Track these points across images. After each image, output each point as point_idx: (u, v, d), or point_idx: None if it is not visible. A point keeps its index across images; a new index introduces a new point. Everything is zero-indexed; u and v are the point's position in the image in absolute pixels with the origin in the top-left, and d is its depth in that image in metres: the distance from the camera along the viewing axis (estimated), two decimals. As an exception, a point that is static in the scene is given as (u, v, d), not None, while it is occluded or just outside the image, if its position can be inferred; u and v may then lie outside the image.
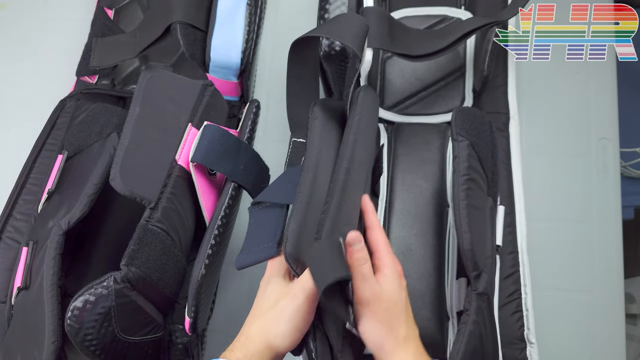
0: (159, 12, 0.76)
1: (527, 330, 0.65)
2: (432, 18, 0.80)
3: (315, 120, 0.58)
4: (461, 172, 0.58)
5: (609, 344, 0.69)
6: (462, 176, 0.58)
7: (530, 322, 0.65)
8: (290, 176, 0.58)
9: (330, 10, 0.72)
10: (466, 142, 0.60)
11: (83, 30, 0.85)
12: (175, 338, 0.61)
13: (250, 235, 0.55)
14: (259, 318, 0.49)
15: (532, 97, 0.79)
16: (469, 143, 0.60)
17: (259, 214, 0.56)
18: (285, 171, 0.60)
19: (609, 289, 0.71)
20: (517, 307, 0.66)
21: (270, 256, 0.53)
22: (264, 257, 0.53)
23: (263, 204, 0.56)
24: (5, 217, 0.68)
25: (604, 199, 0.74)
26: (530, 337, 0.65)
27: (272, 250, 0.53)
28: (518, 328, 0.65)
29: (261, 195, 0.57)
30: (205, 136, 0.59)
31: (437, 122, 0.76)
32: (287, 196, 0.55)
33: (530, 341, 0.65)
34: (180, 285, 0.60)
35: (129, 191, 0.54)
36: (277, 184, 0.58)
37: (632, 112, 0.94)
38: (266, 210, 0.56)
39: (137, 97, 0.59)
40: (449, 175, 0.72)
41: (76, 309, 0.50)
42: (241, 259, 0.53)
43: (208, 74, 0.76)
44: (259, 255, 0.53)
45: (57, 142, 0.74)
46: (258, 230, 0.55)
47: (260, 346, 0.47)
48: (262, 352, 0.47)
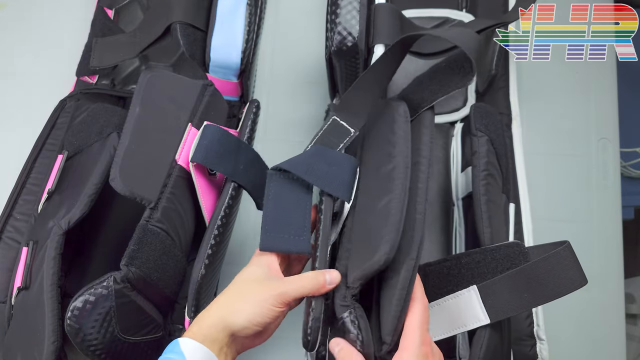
0: (159, 12, 0.76)
1: (536, 327, 0.65)
2: (434, 20, 0.80)
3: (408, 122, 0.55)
4: (481, 167, 0.59)
5: (609, 344, 0.69)
6: (482, 171, 0.58)
7: (540, 319, 0.65)
8: (330, 158, 0.55)
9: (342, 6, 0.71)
10: (485, 138, 0.60)
11: (83, 30, 0.85)
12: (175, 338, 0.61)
13: (274, 213, 0.52)
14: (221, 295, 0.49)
15: (532, 97, 0.79)
16: (488, 139, 0.60)
17: (283, 187, 0.53)
18: (320, 149, 0.57)
19: (609, 289, 0.71)
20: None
21: (303, 252, 0.52)
22: (295, 250, 0.52)
23: (288, 174, 0.54)
24: (5, 217, 0.68)
25: (604, 199, 0.74)
26: (540, 333, 0.64)
27: (305, 246, 0.51)
28: (528, 325, 0.65)
29: (290, 164, 0.54)
30: (205, 136, 0.58)
31: (440, 122, 0.76)
32: (323, 179, 0.53)
33: (540, 338, 0.64)
34: (180, 285, 0.60)
35: (129, 191, 0.54)
36: (311, 159, 0.55)
37: (632, 112, 0.94)
38: (291, 185, 0.53)
39: (137, 97, 0.59)
40: (454, 174, 0.72)
41: (76, 309, 0.50)
42: (268, 241, 0.51)
43: (208, 74, 0.76)
44: (290, 246, 0.52)
45: (57, 142, 0.74)
46: (283, 208, 0.53)
47: (214, 320, 0.46)
48: (215, 325, 0.46)
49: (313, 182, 0.53)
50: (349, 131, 0.61)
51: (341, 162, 0.55)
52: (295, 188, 0.54)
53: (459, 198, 0.71)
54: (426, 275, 0.58)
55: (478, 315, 0.52)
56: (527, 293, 0.51)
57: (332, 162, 0.55)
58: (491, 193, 0.58)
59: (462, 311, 0.53)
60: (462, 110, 0.77)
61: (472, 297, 0.53)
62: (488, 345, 0.51)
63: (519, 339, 0.64)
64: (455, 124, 0.77)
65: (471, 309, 0.53)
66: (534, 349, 0.64)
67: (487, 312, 0.52)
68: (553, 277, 0.50)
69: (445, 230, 0.68)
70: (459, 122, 0.77)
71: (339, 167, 0.55)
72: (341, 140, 0.60)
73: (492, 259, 0.55)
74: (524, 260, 0.53)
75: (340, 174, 0.54)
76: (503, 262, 0.54)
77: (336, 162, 0.55)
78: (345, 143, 0.60)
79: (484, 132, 0.60)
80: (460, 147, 0.73)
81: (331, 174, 0.54)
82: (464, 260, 0.56)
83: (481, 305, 0.52)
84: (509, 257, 0.54)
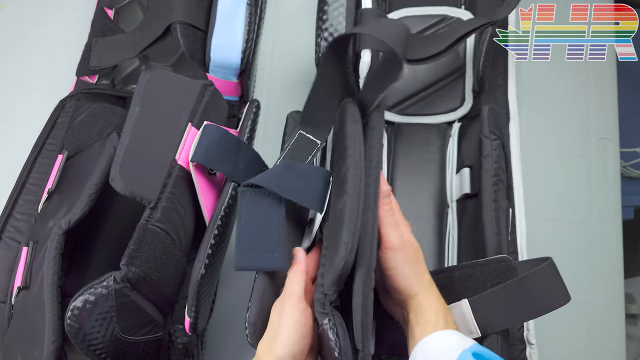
0: (159, 12, 0.76)
1: (526, 332, 0.65)
2: (432, 18, 0.79)
3: (357, 123, 0.55)
4: (492, 172, 0.59)
5: (609, 344, 0.69)
6: (493, 176, 0.59)
7: (530, 324, 0.65)
8: (300, 171, 0.56)
9: (329, 12, 0.71)
10: (498, 142, 0.60)
11: (83, 30, 0.85)
12: (175, 338, 0.61)
13: (247, 230, 0.52)
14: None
15: (531, 97, 0.79)
16: (501, 143, 0.60)
17: (254, 203, 0.53)
18: (290, 164, 0.57)
19: (609, 289, 0.71)
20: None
21: (278, 269, 0.52)
22: (270, 267, 0.52)
23: (260, 190, 0.53)
24: (5, 217, 0.68)
25: (604, 199, 0.74)
26: (530, 338, 0.64)
27: (280, 263, 0.51)
28: (518, 329, 0.65)
29: (260, 179, 0.53)
30: (205, 136, 0.59)
31: (437, 123, 0.76)
32: (295, 192, 0.53)
33: (530, 342, 0.64)
34: (180, 285, 0.60)
35: (129, 191, 0.54)
36: (280, 174, 0.55)
37: (632, 112, 0.94)
38: (262, 200, 0.53)
39: (137, 97, 0.59)
40: (449, 176, 0.72)
41: (76, 308, 0.50)
42: (242, 261, 0.51)
43: (208, 73, 0.76)
44: (264, 264, 0.51)
45: (57, 142, 0.74)
46: (256, 225, 0.52)
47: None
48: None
49: (285, 196, 0.53)
50: (315, 143, 0.62)
51: (311, 175, 0.56)
52: (267, 203, 0.53)
53: (453, 200, 0.70)
54: None
55: (470, 328, 0.53)
56: (514, 309, 0.52)
57: (302, 175, 0.55)
58: (500, 198, 0.58)
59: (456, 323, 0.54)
60: (460, 110, 0.76)
61: (464, 309, 0.54)
62: None
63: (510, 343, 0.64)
64: (453, 124, 0.77)
65: (463, 322, 0.54)
66: (523, 353, 0.64)
67: (478, 325, 0.53)
68: (537, 294, 0.51)
69: (439, 235, 0.68)
70: (456, 122, 0.77)
71: (309, 179, 0.55)
72: (309, 153, 0.61)
73: (482, 273, 0.55)
74: (511, 275, 0.54)
75: (310, 186, 0.55)
76: (492, 277, 0.55)
77: (306, 174, 0.56)
78: (313, 154, 0.61)
79: (497, 135, 0.60)
80: (457, 148, 0.73)
81: (302, 187, 0.54)
82: (457, 273, 0.57)
83: (472, 318, 0.53)
84: (497, 272, 0.55)
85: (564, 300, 0.52)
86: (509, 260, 0.55)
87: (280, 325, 0.48)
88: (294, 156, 0.61)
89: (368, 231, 0.49)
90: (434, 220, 0.69)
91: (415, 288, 0.50)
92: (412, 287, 0.50)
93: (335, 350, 0.46)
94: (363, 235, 0.49)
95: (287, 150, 0.61)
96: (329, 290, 0.48)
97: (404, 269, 0.50)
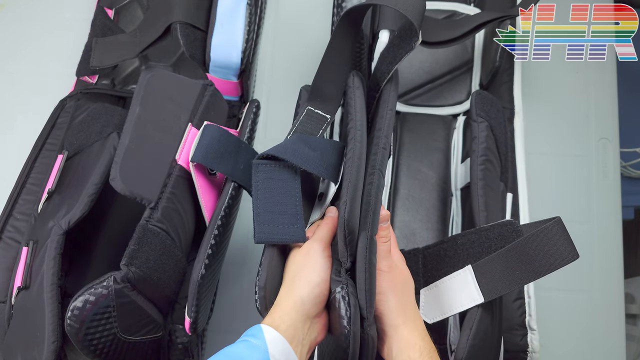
0: (159, 12, 0.76)
1: (528, 317, 0.65)
2: (442, 13, 0.81)
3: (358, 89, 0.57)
4: (480, 152, 0.59)
5: (609, 344, 0.69)
6: (480, 156, 0.59)
7: (532, 309, 0.65)
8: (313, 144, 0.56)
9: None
10: (485, 124, 0.60)
11: (83, 30, 0.85)
12: (175, 338, 0.61)
13: (265, 204, 0.52)
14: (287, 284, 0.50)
15: (532, 97, 0.79)
16: (488, 125, 0.60)
17: (270, 176, 0.53)
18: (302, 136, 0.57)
19: (609, 289, 0.71)
20: (518, 294, 0.66)
21: (299, 241, 0.52)
22: (291, 240, 0.52)
23: (274, 163, 0.54)
24: (5, 217, 0.68)
25: (604, 199, 0.74)
26: (532, 323, 0.65)
27: (300, 235, 0.52)
28: (520, 315, 0.65)
29: (275, 150, 0.54)
30: (205, 136, 0.59)
31: (442, 114, 0.77)
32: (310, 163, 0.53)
33: (531, 327, 0.64)
34: (180, 285, 0.60)
35: (129, 191, 0.54)
36: (294, 146, 0.55)
37: (632, 112, 0.94)
38: (278, 173, 0.53)
39: (137, 97, 0.59)
40: (454, 165, 0.73)
41: (76, 308, 0.50)
42: (262, 234, 0.51)
43: (208, 73, 0.76)
44: (285, 237, 0.52)
45: (57, 142, 0.74)
46: (273, 198, 0.53)
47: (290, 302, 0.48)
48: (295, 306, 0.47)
49: (301, 165, 0.53)
50: (324, 118, 0.62)
51: (324, 147, 0.56)
52: (283, 176, 0.54)
53: (457, 188, 0.71)
54: (425, 259, 0.59)
55: (473, 295, 0.53)
56: (519, 269, 0.51)
57: (316, 147, 0.56)
58: (488, 178, 0.58)
59: (458, 291, 0.54)
60: (465, 103, 0.77)
61: (467, 276, 0.54)
62: (478, 327, 0.51)
63: (511, 328, 0.64)
64: (458, 116, 0.78)
65: (466, 288, 0.53)
66: (524, 339, 0.64)
67: (482, 290, 0.52)
68: (543, 252, 0.50)
69: (443, 220, 0.69)
70: (461, 115, 0.77)
71: (323, 150, 0.56)
72: (319, 127, 0.61)
73: (487, 238, 0.55)
74: (517, 237, 0.53)
75: (325, 157, 0.55)
76: (497, 241, 0.54)
77: (319, 147, 0.56)
78: (323, 129, 0.61)
79: (484, 118, 0.60)
80: (462, 139, 0.73)
81: (317, 158, 0.54)
82: (460, 240, 0.56)
83: (476, 284, 0.52)
84: (503, 235, 0.54)
85: (571, 257, 0.50)
86: (514, 224, 0.54)
87: (304, 265, 0.49)
88: (304, 131, 0.60)
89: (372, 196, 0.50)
90: (439, 205, 0.70)
91: (397, 318, 0.48)
92: (395, 317, 0.49)
93: (345, 319, 0.46)
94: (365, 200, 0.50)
95: (296, 126, 0.61)
96: (342, 257, 0.49)
97: (388, 296, 0.49)
